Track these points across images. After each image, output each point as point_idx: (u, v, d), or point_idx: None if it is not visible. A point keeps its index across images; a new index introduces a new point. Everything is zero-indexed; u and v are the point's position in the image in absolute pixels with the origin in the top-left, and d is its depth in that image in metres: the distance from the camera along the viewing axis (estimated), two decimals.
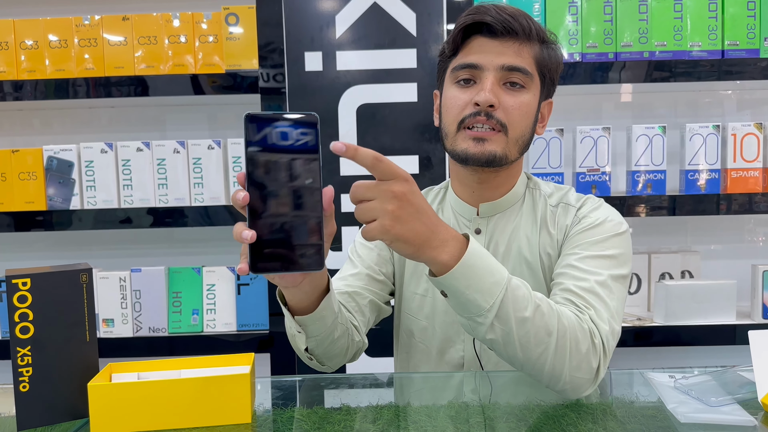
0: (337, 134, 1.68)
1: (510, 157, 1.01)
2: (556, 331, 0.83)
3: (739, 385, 0.87)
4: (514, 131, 1.00)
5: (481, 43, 1.00)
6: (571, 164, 1.77)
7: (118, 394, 0.81)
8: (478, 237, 1.08)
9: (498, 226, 1.08)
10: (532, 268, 1.05)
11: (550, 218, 1.07)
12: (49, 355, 0.84)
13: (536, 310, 0.82)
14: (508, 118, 0.99)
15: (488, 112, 0.98)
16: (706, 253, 1.96)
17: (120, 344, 1.76)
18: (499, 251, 1.07)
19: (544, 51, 1.03)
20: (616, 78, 1.70)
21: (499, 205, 1.08)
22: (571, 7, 1.70)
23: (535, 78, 1.02)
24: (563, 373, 0.85)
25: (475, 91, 1.00)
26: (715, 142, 1.73)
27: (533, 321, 0.82)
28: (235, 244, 1.96)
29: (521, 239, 1.07)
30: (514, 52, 0.99)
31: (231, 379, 0.83)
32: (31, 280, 0.83)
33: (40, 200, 1.76)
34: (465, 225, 1.10)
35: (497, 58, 0.99)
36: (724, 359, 1.90)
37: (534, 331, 0.82)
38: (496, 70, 0.99)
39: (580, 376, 0.86)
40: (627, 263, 1.00)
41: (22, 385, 0.83)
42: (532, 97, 1.02)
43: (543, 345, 0.83)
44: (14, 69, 1.75)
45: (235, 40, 1.73)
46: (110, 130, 1.99)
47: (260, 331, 1.76)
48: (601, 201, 1.07)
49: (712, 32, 1.70)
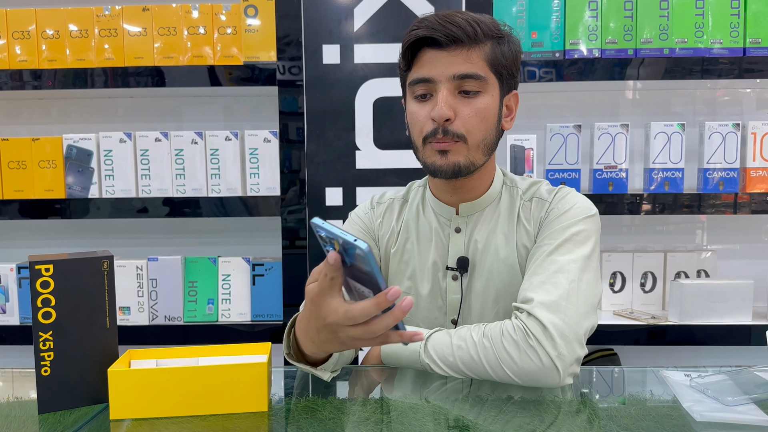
0: (353, 127, 1.68)
1: (476, 163, 1.03)
2: (481, 357, 0.93)
3: (756, 385, 0.87)
4: (474, 138, 1.01)
5: (431, 56, 1.00)
6: (588, 161, 1.76)
7: (137, 380, 0.82)
8: (458, 235, 1.11)
9: (477, 224, 1.10)
10: (509, 264, 1.08)
11: (524, 213, 1.09)
12: (70, 340, 0.85)
13: (458, 349, 0.94)
14: (466, 127, 1.00)
15: (445, 128, 1.00)
16: (722, 253, 1.94)
17: (136, 332, 1.78)
18: (478, 249, 1.09)
19: (497, 49, 1.01)
20: (635, 75, 1.69)
21: (477, 205, 1.11)
22: (591, 2, 1.69)
23: (491, 79, 1.02)
24: (512, 376, 0.92)
25: (432, 105, 1.01)
26: (735, 140, 1.71)
27: (456, 356, 0.94)
28: (251, 234, 1.99)
29: (498, 237, 1.09)
30: (464, 59, 0.99)
31: (248, 367, 0.84)
32: (54, 266, 0.84)
33: (59, 188, 1.78)
34: (445, 224, 1.12)
35: (447, 69, 0.99)
36: (738, 359, 1.89)
37: (461, 361, 0.94)
38: (448, 81, 0.99)
39: (532, 370, 0.91)
40: (588, 241, 1.01)
41: (43, 369, 0.85)
42: (490, 99, 1.02)
43: (477, 366, 0.93)
44: (35, 58, 1.77)
45: (253, 32, 1.73)
46: (128, 120, 2.01)
47: (274, 322, 1.78)
48: (571, 190, 1.10)
49: (734, 30, 1.68)
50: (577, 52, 1.70)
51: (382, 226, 1.18)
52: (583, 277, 0.98)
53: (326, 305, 0.76)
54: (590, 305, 0.97)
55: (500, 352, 0.92)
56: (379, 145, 1.69)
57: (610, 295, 1.82)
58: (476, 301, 1.09)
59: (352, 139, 1.69)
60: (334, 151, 1.70)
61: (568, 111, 1.96)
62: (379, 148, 1.69)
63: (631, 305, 1.82)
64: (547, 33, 1.70)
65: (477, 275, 1.09)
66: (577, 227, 1.02)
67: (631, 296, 1.82)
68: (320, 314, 0.77)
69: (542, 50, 1.70)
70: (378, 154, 1.69)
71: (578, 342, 0.93)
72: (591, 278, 0.99)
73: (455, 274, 1.10)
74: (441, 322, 1.12)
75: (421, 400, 0.88)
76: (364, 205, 1.22)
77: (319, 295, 0.76)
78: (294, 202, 1.72)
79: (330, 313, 0.76)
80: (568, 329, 0.92)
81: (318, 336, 0.81)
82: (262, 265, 1.79)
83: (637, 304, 1.82)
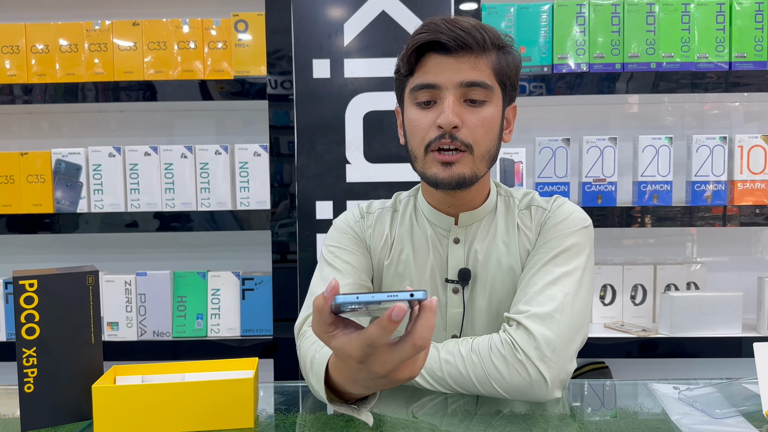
0: (344, 141, 1.69)
1: (479, 175, 1.01)
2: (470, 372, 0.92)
3: (744, 398, 0.87)
4: (480, 148, 0.99)
5: (437, 61, 0.97)
6: (578, 174, 1.77)
7: (122, 396, 0.81)
8: (458, 246, 1.07)
9: (476, 234, 1.08)
10: (513, 271, 1.06)
11: (523, 221, 1.08)
12: (54, 356, 0.84)
13: (445, 364, 0.93)
14: (473, 137, 0.98)
15: (452, 134, 0.97)
16: (712, 265, 1.95)
17: (124, 348, 1.76)
18: (478, 259, 1.06)
19: (502, 58, 1.00)
20: (623, 88, 1.71)
21: (477, 214, 1.08)
22: (579, 17, 1.70)
23: (496, 89, 1.00)
24: (500, 390, 0.91)
25: (437, 113, 0.98)
26: (722, 153, 1.73)
27: (444, 371, 0.93)
28: (241, 249, 1.98)
29: (499, 245, 1.07)
30: (471, 67, 0.96)
31: (234, 383, 0.83)
32: (38, 281, 0.83)
33: (47, 203, 1.77)
34: (442, 235, 1.08)
35: (455, 76, 0.96)
36: (729, 372, 1.89)
37: (449, 376, 0.93)
38: (454, 87, 0.96)
39: (520, 384, 0.90)
40: (582, 253, 1.01)
41: (27, 386, 0.84)
42: (494, 110, 1.00)
43: (466, 382, 0.92)
44: (25, 72, 1.76)
45: (243, 47, 1.74)
46: (118, 135, 2.01)
47: (264, 337, 1.77)
48: (566, 200, 1.09)
49: (720, 44, 1.70)
50: (566, 66, 1.71)
51: (373, 236, 1.11)
52: (578, 290, 0.97)
53: (373, 358, 0.66)
54: (583, 319, 0.97)
55: (488, 367, 0.92)
56: (369, 158, 1.70)
57: (601, 307, 1.82)
58: (479, 315, 1.06)
59: (342, 152, 1.69)
60: (325, 165, 1.70)
61: (557, 124, 1.98)
62: (369, 161, 1.70)
63: (621, 318, 1.82)
64: (535, 47, 1.71)
65: (479, 287, 1.06)
66: (573, 238, 1.01)
67: (621, 309, 1.82)
68: (370, 369, 0.67)
69: (531, 65, 1.71)
70: (368, 168, 1.70)
71: (568, 356, 0.93)
72: (585, 291, 0.99)
73: (456, 287, 1.07)
74: (441, 339, 1.07)
75: (409, 416, 0.88)
76: (353, 214, 1.14)
77: (365, 356, 0.65)
78: (284, 216, 1.71)
79: (378, 363, 0.66)
80: (559, 342, 0.91)
81: (368, 382, 0.71)
82: (251, 279, 1.79)
83: (627, 317, 1.82)
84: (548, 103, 1.94)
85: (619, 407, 0.92)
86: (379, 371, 0.67)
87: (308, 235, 1.71)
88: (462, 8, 1.66)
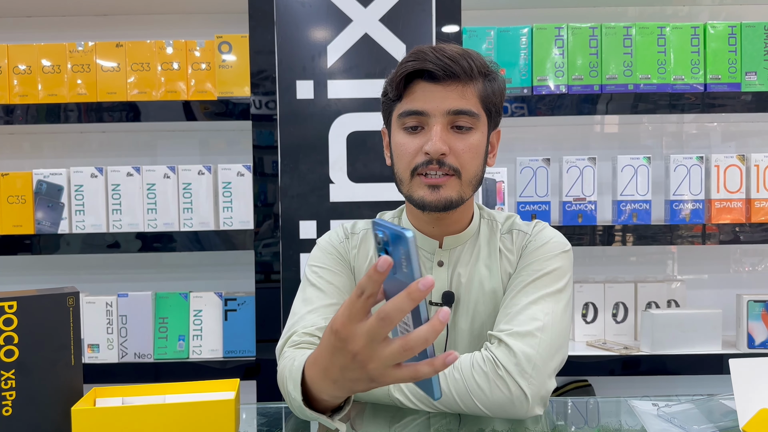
0: (327, 161, 1.70)
1: (465, 198, 1.03)
2: (452, 389, 0.93)
3: (721, 414, 0.88)
4: (467, 173, 1.01)
5: (425, 89, 0.99)
6: (558, 193, 1.79)
7: (102, 418, 0.80)
8: (441, 269, 1.08)
9: (460, 257, 1.09)
10: (496, 294, 1.07)
11: (504, 244, 1.10)
12: (33, 379, 0.83)
13: None
14: (460, 162, 1.00)
15: (440, 160, 0.99)
16: (691, 283, 1.98)
17: (105, 370, 1.74)
18: (462, 282, 1.07)
19: (488, 86, 1.02)
20: (603, 110, 1.74)
21: (461, 238, 1.09)
22: (558, 40, 1.74)
23: (482, 116, 1.02)
24: (481, 407, 0.92)
25: (424, 139, 1.00)
26: (699, 173, 1.76)
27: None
28: (224, 269, 1.97)
29: (482, 269, 1.08)
30: (458, 95, 0.99)
31: (215, 404, 0.82)
32: (18, 302, 0.82)
33: (28, 224, 1.75)
34: (426, 258, 1.09)
35: (442, 104, 0.98)
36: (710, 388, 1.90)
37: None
38: (442, 115, 0.99)
39: (501, 400, 0.91)
40: (563, 277, 1.03)
41: (5, 409, 0.83)
42: (480, 137, 1.02)
43: (447, 399, 0.93)
44: (6, 93, 1.76)
45: (227, 68, 1.75)
46: (101, 155, 2.00)
47: (247, 358, 1.75)
48: (546, 224, 1.11)
49: (695, 66, 1.74)
50: (545, 88, 1.74)
51: (358, 257, 1.12)
52: (558, 311, 0.99)
53: (354, 332, 0.67)
54: (563, 339, 0.98)
55: (470, 384, 0.92)
56: (352, 178, 1.71)
57: (583, 325, 1.84)
58: (461, 337, 1.07)
59: (326, 172, 1.70)
60: (308, 185, 1.70)
61: (537, 144, 2.00)
62: (353, 181, 1.71)
63: (604, 336, 1.83)
64: (515, 69, 1.74)
65: (462, 310, 1.07)
66: (554, 263, 1.03)
67: (603, 327, 1.84)
68: (347, 347, 0.68)
69: (511, 86, 1.74)
70: (352, 187, 1.70)
71: (548, 373, 0.93)
72: (566, 313, 1.01)
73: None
74: None
75: None
76: (337, 234, 1.15)
77: (350, 320, 0.66)
78: (268, 236, 1.71)
79: (358, 337, 0.66)
80: (539, 359, 0.92)
81: (343, 374, 0.71)
82: (234, 299, 1.78)
83: (609, 335, 1.83)
84: (529, 124, 1.97)
85: (602, 425, 0.93)
86: (367, 363, 0.67)
87: (292, 255, 1.71)
88: (444, 30, 1.69)
